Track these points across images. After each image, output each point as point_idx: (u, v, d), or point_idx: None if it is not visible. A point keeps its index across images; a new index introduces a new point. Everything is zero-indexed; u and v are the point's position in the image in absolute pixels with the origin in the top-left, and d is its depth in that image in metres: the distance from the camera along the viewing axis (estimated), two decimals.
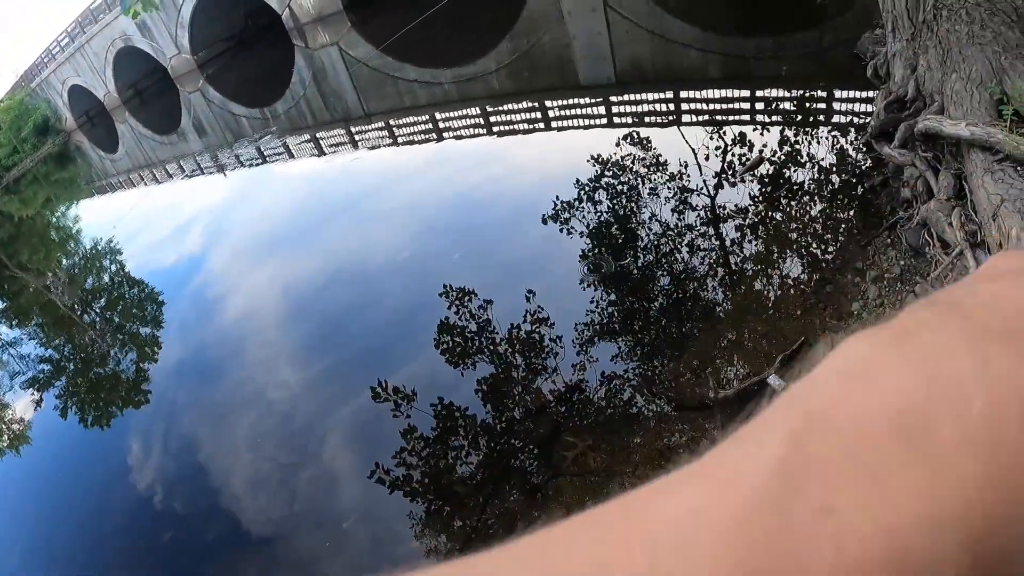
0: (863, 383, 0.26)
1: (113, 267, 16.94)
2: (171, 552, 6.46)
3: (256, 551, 5.98)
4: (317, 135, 17.75)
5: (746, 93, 9.29)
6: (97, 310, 14.98)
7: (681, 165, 7.88)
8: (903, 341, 0.28)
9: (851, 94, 7.89)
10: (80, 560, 7.00)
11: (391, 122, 15.85)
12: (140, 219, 19.68)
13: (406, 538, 5.21)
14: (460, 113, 14.09)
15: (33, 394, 11.92)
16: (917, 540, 0.22)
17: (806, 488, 0.23)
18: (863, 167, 6.36)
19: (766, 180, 7.00)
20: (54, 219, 29.03)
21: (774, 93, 8.98)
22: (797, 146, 7.45)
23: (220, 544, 6.31)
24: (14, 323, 17.52)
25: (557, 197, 8.11)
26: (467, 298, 7.22)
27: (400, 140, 14.74)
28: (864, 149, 6.42)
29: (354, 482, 6.00)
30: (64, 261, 20.86)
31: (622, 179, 8.37)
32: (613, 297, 6.62)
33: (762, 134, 7.93)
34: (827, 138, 7.37)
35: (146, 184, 24.26)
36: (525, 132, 11.97)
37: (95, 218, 23.20)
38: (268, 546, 5.97)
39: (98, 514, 7.54)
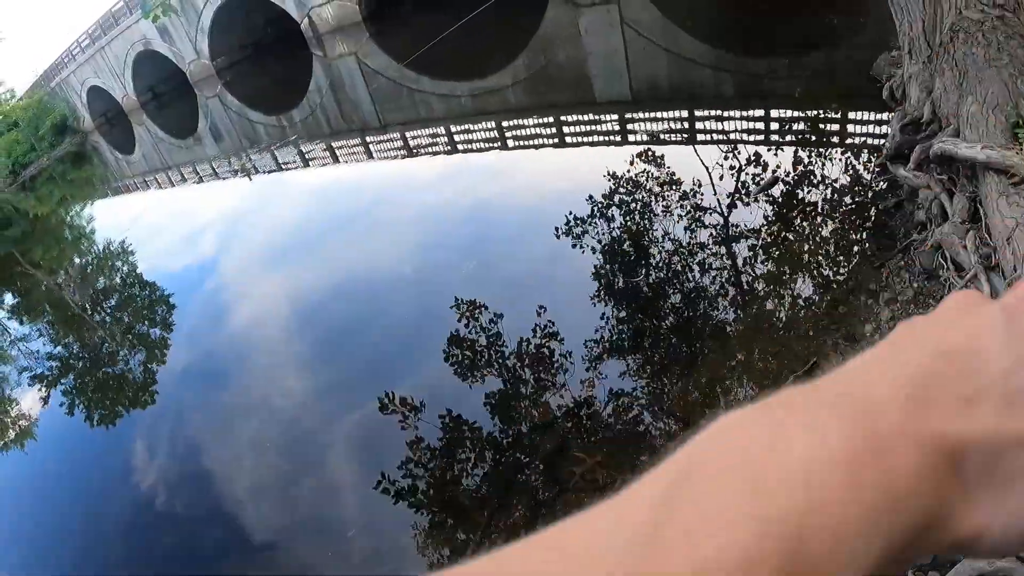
0: (724, 441, 0.35)
1: (125, 268, 17.06)
2: (170, 556, 6.47)
3: (257, 558, 5.98)
4: (333, 144, 17.84)
5: (760, 113, 9.30)
6: (107, 310, 15.07)
7: (695, 183, 7.88)
8: (764, 411, 0.36)
9: (866, 115, 7.90)
10: (79, 558, 7.03)
11: (407, 133, 15.92)
12: (154, 222, 19.83)
13: (409, 549, 5.21)
14: (475, 126, 14.14)
15: (41, 390, 12.01)
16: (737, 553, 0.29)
17: (675, 516, 0.31)
18: (877, 189, 6.35)
19: (779, 200, 6.99)
20: (68, 218, 29.22)
21: (788, 113, 8.98)
22: (811, 167, 7.45)
23: (221, 549, 6.31)
24: (24, 319, 17.66)
25: (570, 212, 8.13)
26: (478, 311, 7.23)
27: (415, 152, 14.81)
28: (879, 171, 6.42)
29: (359, 491, 6.00)
30: (77, 260, 20.99)
31: (635, 196, 8.38)
32: (624, 314, 6.62)
33: (776, 154, 7.93)
34: (841, 159, 7.36)
35: (161, 187, 24.43)
36: (539, 147, 12.00)
37: (109, 219, 23.34)
38: (269, 553, 5.97)
39: (99, 513, 7.57)
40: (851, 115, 8.16)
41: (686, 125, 10.12)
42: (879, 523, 0.31)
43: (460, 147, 13.73)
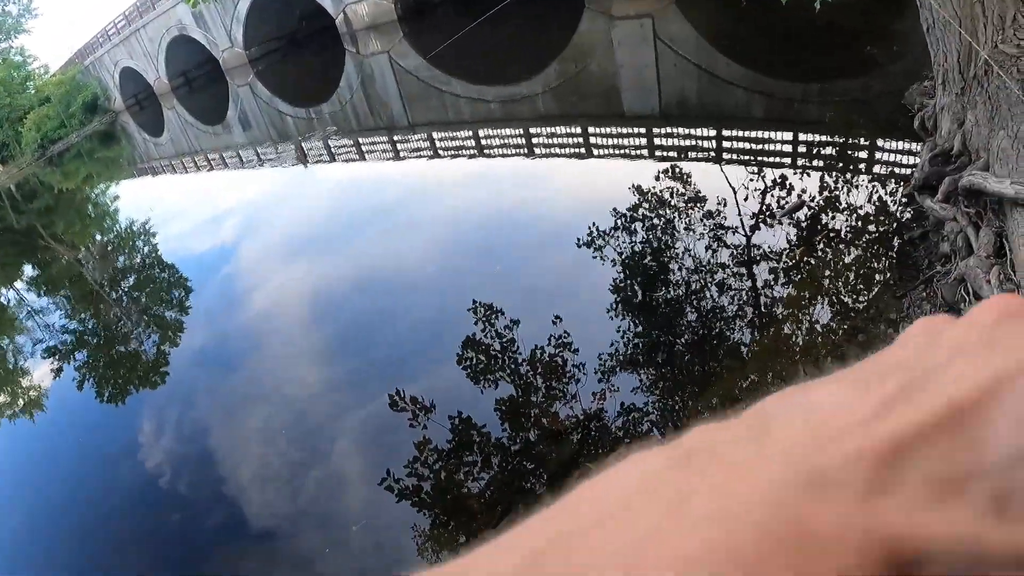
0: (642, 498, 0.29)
1: (146, 249, 17.21)
2: (172, 536, 6.50)
3: (257, 544, 6.00)
4: (360, 140, 17.92)
5: (789, 136, 9.28)
6: (125, 289, 15.19)
7: (719, 203, 7.87)
8: (682, 464, 0.30)
9: (895, 144, 7.86)
10: (80, 531, 7.09)
11: (434, 134, 15.98)
12: (177, 205, 20.00)
13: (408, 548, 5.22)
14: (503, 132, 14.17)
15: (53, 363, 12.13)
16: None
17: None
18: (903, 218, 6.32)
19: (803, 224, 6.97)
20: (93, 195, 29.52)
21: (817, 138, 8.95)
22: (837, 192, 7.42)
23: (221, 533, 6.34)
24: (42, 292, 17.84)
25: (593, 224, 8.13)
26: (494, 316, 7.24)
27: (441, 153, 14.86)
28: (905, 200, 6.39)
29: (363, 487, 6.02)
30: (98, 237, 21.19)
31: (659, 212, 8.38)
32: (640, 329, 6.61)
33: (802, 178, 7.90)
34: (868, 186, 7.33)
35: (187, 171, 24.62)
36: (566, 156, 12.02)
37: (133, 199, 23.61)
38: (269, 540, 5.99)
39: (104, 489, 7.63)
40: (880, 143, 8.12)
41: (714, 144, 10.11)
42: None
43: (487, 152, 13.76)
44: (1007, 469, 0.25)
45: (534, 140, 13.00)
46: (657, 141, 10.97)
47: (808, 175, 7.95)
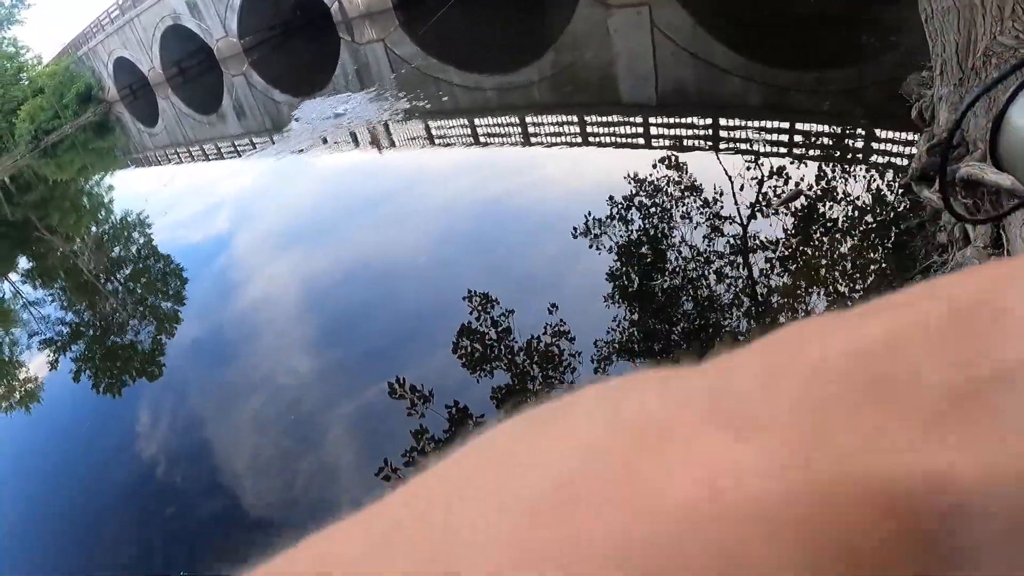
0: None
1: (141, 239, 17.14)
2: (169, 528, 6.50)
3: (253, 535, 6.00)
4: (355, 129, 17.84)
5: (785, 125, 9.25)
6: (120, 279, 15.15)
7: (716, 191, 7.86)
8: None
9: (892, 134, 7.84)
10: (78, 525, 7.08)
11: (429, 123, 15.91)
12: (172, 195, 19.89)
13: None
14: (499, 120, 14.12)
15: (49, 355, 12.11)
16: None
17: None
18: (900, 209, 6.32)
19: (800, 214, 6.96)
20: (87, 186, 29.41)
21: (814, 127, 8.92)
22: (834, 182, 7.41)
23: (219, 522, 6.34)
24: (38, 283, 17.79)
25: (589, 213, 8.11)
26: (490, 305, 7.23)
27: (437, 142, 14.79)
28: (902, 191, 6.38)
29: (360, 475, 6.02)
30: (93, 228, 21.13)
31: (656, 201, 8.36)
32: (636, 318, 6.61)
33: (798, 168, 7.89)
34: (865, 176, 7.32)
35: (181, 161, 24.53)
36: (562, 145, 11.98)
37: (128, 190, 23.52)
38: (266, 529, 5.99)
39: (102, 480, 7.62)
40: (877, 133, 8.11)
41: (710, 133, 10.08)
42: None
43: (482, 140, 13.72)
44: None
45: (530, 129, 12.96)
46: (653, 130, 10.94)
47: (805, 164, 7.93)
